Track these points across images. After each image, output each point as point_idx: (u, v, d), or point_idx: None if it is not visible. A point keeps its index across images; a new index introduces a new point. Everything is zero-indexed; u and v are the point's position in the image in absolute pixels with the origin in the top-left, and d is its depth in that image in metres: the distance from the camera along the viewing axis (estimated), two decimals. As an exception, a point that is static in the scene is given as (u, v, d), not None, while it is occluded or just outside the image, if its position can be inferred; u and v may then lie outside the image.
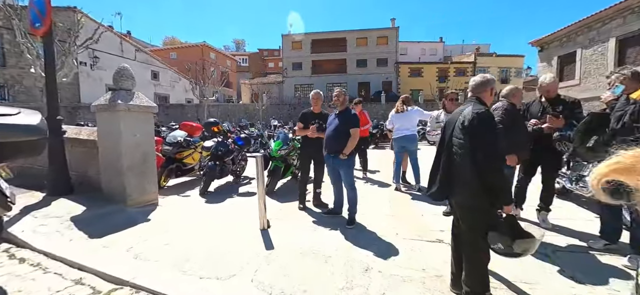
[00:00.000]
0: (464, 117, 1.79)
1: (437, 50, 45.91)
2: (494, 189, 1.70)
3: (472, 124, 1.73)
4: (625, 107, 2.18)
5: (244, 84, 37.94)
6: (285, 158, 4.67)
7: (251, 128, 14.43)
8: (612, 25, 13.30)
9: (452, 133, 1.86)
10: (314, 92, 3.86)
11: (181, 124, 7.16)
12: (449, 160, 1.89)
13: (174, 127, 11.35)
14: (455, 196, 1.92)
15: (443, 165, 1.94)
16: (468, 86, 2.08)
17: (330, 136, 3.26)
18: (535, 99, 3.30)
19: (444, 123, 2.08)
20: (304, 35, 37.05)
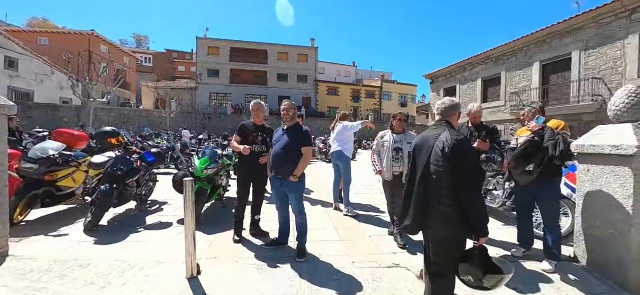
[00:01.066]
0: (442, 144, 1.68)
1: (350, 72, 50.42)
2: (474, 218, 1.63)
3: (454, 151, 1.64)
4: (554, 135, 2.56)
5: (147, 86, 32.52)
6: (212, 178, 3.89)
7: (157, 139, 12.24)
8: (478, 68, 17.18)
9: (429, 160, 1.73)
10: (255, 102, 3.34)
11: (55, 131, 5.31)
12: (426, 189, 1.75)
13: (41, 134, 8.49)
14: (432, 228, 1.78)
15: (418, 195, 1.78)
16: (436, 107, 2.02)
17: (278, 155, 2.81)
18: (463, 124, 3.67)
19: (412, 149, 1.94)
20: (223, 41, 34.86)
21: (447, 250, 1.76)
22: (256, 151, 3.19)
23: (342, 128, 4.57)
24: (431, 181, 1.70)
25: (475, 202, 1.65)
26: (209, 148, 4.12)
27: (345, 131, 4.54)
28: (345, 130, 4.54)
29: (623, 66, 10.27)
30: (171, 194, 5.11)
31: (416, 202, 1.78)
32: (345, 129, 4.54)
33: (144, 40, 59.28)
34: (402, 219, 1.87)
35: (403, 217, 1.86)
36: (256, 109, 3.30)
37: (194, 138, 17.75)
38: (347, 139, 4.59)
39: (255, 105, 3.30)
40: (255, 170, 3.21)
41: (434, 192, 1.71)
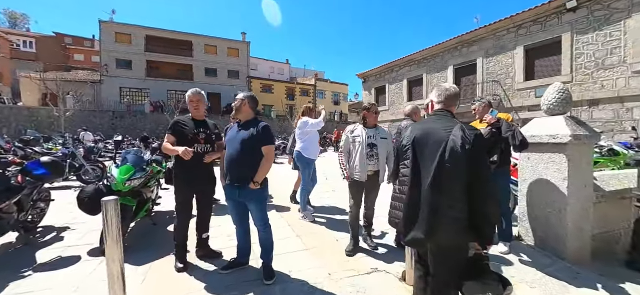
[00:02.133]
0: (461, 139, 1.46)
1: (284, 70, 49.86)
2: (488, 223, 1.48)
3: (475, 147, 1.45)
4: (511, 126, 2.71)
5: (29, 77, 25.54)
6: (138, 191, 3.03)
7: (47, 144, 9.64)
8: (404, 70, 18.87)
9: (443, 158, 1.49)
10: (193, 91, 2.67)
11: None
12: (438, 192, 1.49)
13: None
14: (438, 237, 1.53)
15: (429, 200, 1.51)
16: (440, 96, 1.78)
17: (233, 158, 2.27)
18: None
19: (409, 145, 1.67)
20: (136, 27, 30.01)
21: (452, 261, 1.58)
22: (200, 152, 2.58)
23: (302, 124, 4.11)
24: (444, 183, 1.48)
25: (493, 205, 1.49)
26: (131, 153, 3.19)
27: (305, 127, 4.08)
28: (304, 126, 4.09)
29: (513, 72, 12.57)
30: (74, 215, 3.92)
31: (429, 208, 1.51)
32: (304, 125, 4.09)
33: (21, 19, 46.95)
34: (407, 230, 1.60)
35: (409, 228, 1.59)
36: (196, 100, 2.64)
37: (101, 141, 14.72)
38: (308, 138, 4.12)
39: (194, 95, 2.65)
40: (199, 177, 2.58)
41: (446, 195, 1.48)
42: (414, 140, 1.68)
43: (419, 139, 1.66)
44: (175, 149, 2.43)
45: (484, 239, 1.51)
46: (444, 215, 1.48)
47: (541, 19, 11.50)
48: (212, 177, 2.73)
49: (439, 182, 1.50)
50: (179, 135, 2.56)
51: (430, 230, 1.50)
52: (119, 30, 29.27)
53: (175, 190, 2.60)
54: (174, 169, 2.59)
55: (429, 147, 1.58)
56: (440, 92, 1.81)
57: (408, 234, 1.61)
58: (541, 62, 11.87)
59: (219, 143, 2.74)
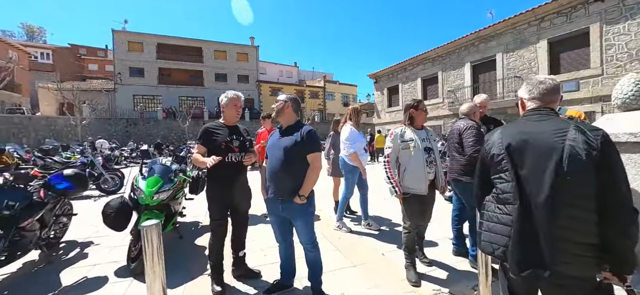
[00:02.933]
0: (581, 144, 1.16)
1: (293, 73, 49.85)
2: (629, 245, 1.16)
3: (605, 153, 1.14)
4: None
5: (47, 88, 26.25)
6: (167, 204, 2.81)
7: (65, 153, 9.65)
8: (418, 69, 18.43)
9: (560, 171, 1.18)
10: (236, 94, 2.44)
11: None
12: (558, 213, 1.19)
13: None
14: (563, 267, 1.20)
15: (548, 223, 1.20)
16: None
17: (276, 168, 2.01)
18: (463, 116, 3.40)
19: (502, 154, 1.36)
20: (147, 36, 30.49)
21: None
22: (234, 162, 2.33)
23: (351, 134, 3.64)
24: (566, 201, 1.17)
25: (635, 223, 1.17)
26: (158, 163, 2.97)
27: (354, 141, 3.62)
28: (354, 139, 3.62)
29: (537, 66, 12.01)
30: (97, 228, 3.74)
31: (549, 233, 1.20)
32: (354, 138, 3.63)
33: (38, 32, 48.39)
34: (523, 262, 1.27)
35: (524, 258, 1.27)
36: (234, 104, 2.40)
37: (117, 148, 14.81)
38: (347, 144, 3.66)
39: (233, 100, 2.41)
40: (234, 189, 2.33)
41: (571, 216, 1.17)
42: (508, 147, 1.36)
43: (517, 146, 1.34)
44: (206, 161, 2.18)
45: (626, 267, 1.19)
46: (571, 241, 1.16)
47: (566, 10, 10.95)
48: (248, 190, 2.48)
49: (558, 200, 1.18)
50: (211, 144, 2.31)
51: (556, 261, 1.18)
52: (131, 39, 29.79)
53: (210, 207, 2.35)
54: (208, 183, 2.34)
55: (534, 155, 1.27)
56: (531, 86, 1.47)
57: (522, 265, 1.29)
58: (567, 56, 11.30)
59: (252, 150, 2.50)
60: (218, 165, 2.21)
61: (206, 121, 28.15)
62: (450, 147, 2.80)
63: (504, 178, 1.37)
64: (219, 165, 2.22)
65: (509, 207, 1.33)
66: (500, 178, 1.40)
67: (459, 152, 2.65)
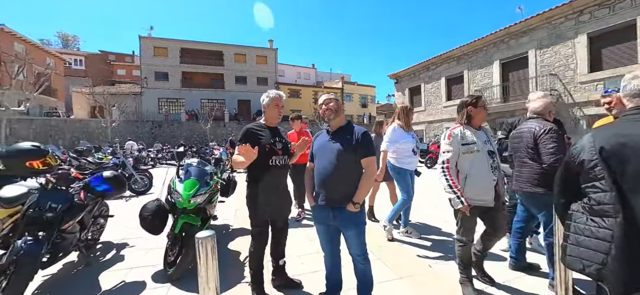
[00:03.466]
0: None
1: (311, 75, 50.03)
2: None
3: None
4: None
5: (80, 92, 27.84)
6: (203, 208, 2.73)
7: (97, 154, 10.04)
8: (441, 68, 17.81)
9: None
10: (273, 95, 2.31)
11: None
12: None
13: None
14: None
15: None
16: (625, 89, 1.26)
17: (328, 173, 1.85)
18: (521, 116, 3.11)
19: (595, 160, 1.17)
20: (171, 41, 31.60)
21: None
22: (278, 166, 2.19)
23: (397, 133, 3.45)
24: None
25: None
26: (193, 165, 2.90)
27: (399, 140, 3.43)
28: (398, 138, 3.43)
29: (575, 63, 11.21)
30: (131, 229, 3.75)
31: None
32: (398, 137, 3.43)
33: (72, 40, 51.52)
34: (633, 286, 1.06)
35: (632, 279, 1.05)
36: (276, 104, 2.28)
37: (144, 149, 15.33)
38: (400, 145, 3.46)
39: (275, 99, 2.28)
40: (277, 194, 2.20)
41: None
42: (602, 152, 1.15)
43: (613, 150, 1.13)
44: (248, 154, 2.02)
45: None
46: None
47: (609, 2, 10.12)
48: (289, 195, 2.35)
49: None
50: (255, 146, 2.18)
51: None
52: (156, 44, 30.97)
53: (253, 213, 2.20)
54: (250, 187, 2.20)
55: (637, 162, 1.06)
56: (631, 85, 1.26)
57: (630, 287, 1.07)
58: (610, 51, 10.44)
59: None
60: (261, 169, 2.10)
61: (227, 123, 28.93)
62: (518, 151, 2.38)
63: (599, 187, 1.16)
64: (262, 169, 2.10)
65: (607, 220, 1.13)
66: (593, 187, 1.19)
67: (533, 158, 2.22)
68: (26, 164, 2.21)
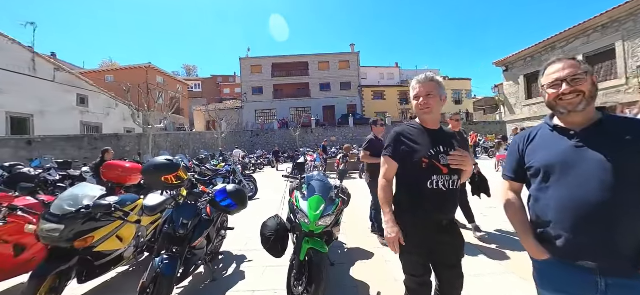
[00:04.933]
0: None
1: (394, 74, 47.70)
2: None
3: None
4: None
5: (198, 110, 33.92)
6: (330, 232, 2.29)
7: (213, 161, 11.47)
8: (577, 43, 13.79)
9: None
10: (421, 78, 1.59)
11: (105, 165, 4.30)
12: None
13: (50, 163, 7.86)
14: None
15: None
16: None
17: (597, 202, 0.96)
18: None
19: None
20: (264, 58, 35.14)
21: None
22: (443, 190, 1.47)
23: None
24: None
25: None
26: (315, 178, 2.47)
27: None
28: None
29: None
30: (246, 241, 3.67)
31: None
32: None
33: (192, 69, 63.73)
34: None
35: None
36: (427, 92, 1.54)
37: (246, 156, 17.06)
38: None
39: (426, 83, 1.57)
40: (442, 230, 1.50)
41: None
42: None
43: None
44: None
45: None
46: None
47: None
48: (460, 233, 1.59)
49: None
50: (405, 161, 1.52)
51: None
52: (253, 63, 34.92)
53: (403, 256, 1.53)
54: (402, 219, 1.52)
55: None
56: None
57: None
58: None
59: None
60: (414, 193, 1.45)
61: (314, 129, 30.05)
62: None
63: None
64: (416, 193, 1.45)
65: None
66: None
67: None
68: (161, 178, 2.18)
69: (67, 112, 18.11)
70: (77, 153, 13.49)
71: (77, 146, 14.10)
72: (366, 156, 3.66)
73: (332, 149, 18.18)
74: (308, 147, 23.79)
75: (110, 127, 20.66)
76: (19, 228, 2.55)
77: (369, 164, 3.64)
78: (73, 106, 18.74)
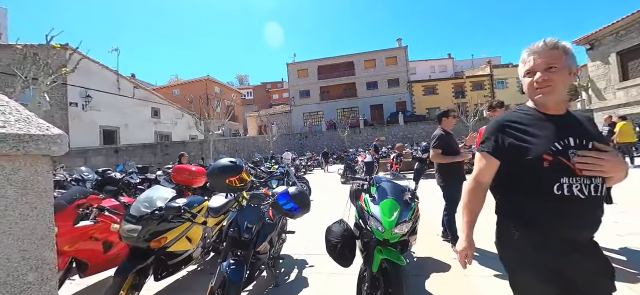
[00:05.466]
0: None
1: (447, 66, 44.37)
2: None
3: None
4: None
5: (250, 116, 36.06)
6: (406, 240, 2.01)
7: (267, 163, 11.86)
8: (696, 5, 10.94)
9: None
10: (545, 47, 1.14)
11: (174, 168, 4.60)
12: None
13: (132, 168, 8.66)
14: None
15: None
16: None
17: None
18: None
19: None
20: (310, 62, 35.72)
21: None
22: (577, 198, 1.04)
23: None
24: None
25: None
26: (384, 179, 2.19)
27: None
28: None
29: None
30: (307, 244, 3.55)
31: None
32: None
33: (244, 78, 68.14)
34: None
35: None
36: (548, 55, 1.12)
37: (296, 158, 17.40)
38: None
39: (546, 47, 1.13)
40: (574, 251, 1.07)
41: None
42: None
43: None
44: None
45: None
46: None
47: None
48: (604, 256, 1.15)
49: None
50: (516, 159, 1.15)
51: None
52: (299, 67, 35.77)
53: (519, 280, 1.19)
54: (510, 233, 1.17)
55: None
56: None
57: None
58: None
59: None
60: (535, 199, 1.08)
61: (362, 129, 29.62)
62: None
63: None
64: (538, 200, 1.08)
65: None
66: None
67: None
68: (226, 180, 2.14)
69: (144, 124, 20.75)
70: (152, 159, 15.28)
71: (152, 153, 15.97)
72: (437, 155, 3.16)
73: (382, 148, 17.49)
74: (357, 147, 23.36)
75: (177, 135, 23.08)
76: (106, 227, 2.79)
77: (441, 164, 3.16)
78: (148, 118, 21.39)
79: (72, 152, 13.00)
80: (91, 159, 12.90)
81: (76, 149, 13.46)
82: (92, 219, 2.71)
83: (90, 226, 2.67)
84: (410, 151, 13.52)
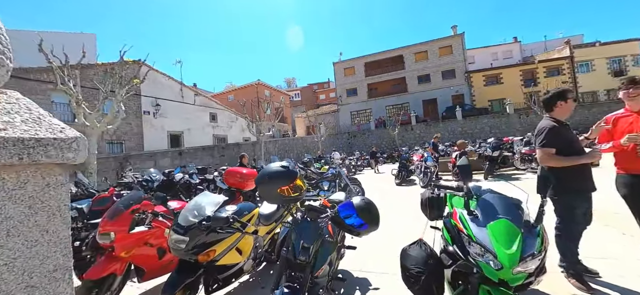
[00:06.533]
0: None
1: (513, 51, 39.26)
2: None
3: None
4: None
5: (299, 117, 36.73)
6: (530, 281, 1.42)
7: (316, 164, 11.64)
8: None
9: None
10: None
11: (226, 171, 4.52)
12: None
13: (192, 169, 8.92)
14: None
15: None
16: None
17: None
18: None
19: None
20: (356, 59, 34.87)
21: None
22: None
23: None
24: None
25: None
26: (490, 191, 1.59)
27: None
28: None
29: None
30: (363, 258, 3.07)
31: None
32: None
33: (292, 81, 70.03)
34: None
35: None
36: None
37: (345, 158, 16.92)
38: None
39: None
40: None
41: None
42: None
43: None
44: None
45: None
46: None
47: None
48: None
49: None
50: None
51: None
52: (345, 65, 35.19)
53: None
54: None
55: None
56: None
57: None
58: None
59: None
60: None
61: (414, 126, 27.76)
62: None
63: None
64: None
65: None
66: None
67: None
68: (277, 190, 1.78)
69: (203, 128, 22.49)
70: (211, 160, 16.34)
71: (210, 154, 17.09)
72: (549, 156, 2.28)
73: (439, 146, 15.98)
74: (410, 145, 21.92)
75: (232, 138, 24.51)
76: (160, 232, 2.69)
77: (554, 169, 2.27)
78: (207, 123, 23.12)
79: (144, 155, 14.55)
80: (159, 161, 14.26)
81: (148, 152, 15.07)
82: (147, 225, 2.64)
83: (145, 232, 2.60)
84: (472, 148, 11.99)
